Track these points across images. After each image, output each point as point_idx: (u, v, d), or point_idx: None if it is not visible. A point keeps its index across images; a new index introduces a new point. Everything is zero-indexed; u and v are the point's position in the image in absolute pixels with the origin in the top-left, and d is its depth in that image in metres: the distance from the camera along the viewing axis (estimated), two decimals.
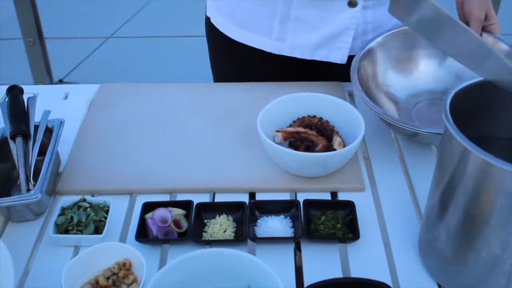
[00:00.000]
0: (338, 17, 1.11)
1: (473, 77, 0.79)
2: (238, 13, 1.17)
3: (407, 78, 1.14)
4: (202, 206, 0.92)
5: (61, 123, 1.01)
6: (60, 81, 2.65)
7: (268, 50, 1.18)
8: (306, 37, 1.14)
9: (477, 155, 0.68)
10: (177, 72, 2.93)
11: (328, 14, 1.10)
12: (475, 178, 0.70)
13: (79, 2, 3.62)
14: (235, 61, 1.25)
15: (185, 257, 0.77)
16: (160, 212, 0.89)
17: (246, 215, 0.89)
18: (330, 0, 1.08)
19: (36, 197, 0.88)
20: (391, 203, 0.94)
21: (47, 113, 1.02)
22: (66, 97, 1.21)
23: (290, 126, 1.02)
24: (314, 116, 1.02)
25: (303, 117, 1.02)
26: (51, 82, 2.25)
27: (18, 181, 0.94)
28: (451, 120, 0.72)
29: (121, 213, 0.93)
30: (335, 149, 0.96)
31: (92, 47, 3.21)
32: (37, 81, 2.19)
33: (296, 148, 0.98)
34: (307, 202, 0.91)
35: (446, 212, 0.76)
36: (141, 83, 1.23)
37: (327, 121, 1.02)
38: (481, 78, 0.79)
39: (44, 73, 2.07)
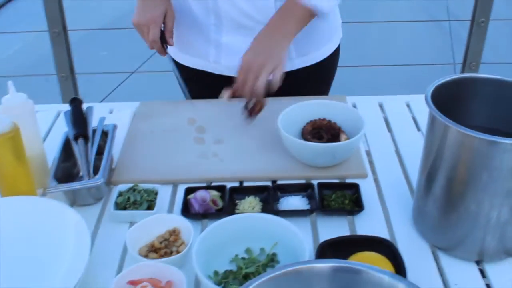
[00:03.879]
0: None
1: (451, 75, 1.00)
2: (180, 40, 1.38)
3: None
4: (234, 189, 1.09)
5: (115, 127, 1.20)
6: None
7: (207, 70, 1.38)
8: (237, 60, 1.22)
9: (455, 129, 0.87)
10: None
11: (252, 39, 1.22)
12: (454, 148, 0.89)
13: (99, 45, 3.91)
14: (192, 85, 1.42)
15: (223, 220, 0.94)
16: (200, 193, 1.06)
17: (270, 195, 1.07)
18: (252, 29, 1.24)
19: (99, 182, 1.05)
20: (389, 185, 1.13)
21: (102, 119, 1.21)
22: (111, 112, 1.39)
23: (304, 127, 1.21)
24: (324, 119, 1.21)
25: (315, 120, 1.21)
26: None
27: (79, 175, 1.11)
28: (432, 105, 0.92)
29: (167, 197, 1.11)
30: None
31: (116, 83, 3.47)
32: None
33: (320, 138, 1.16)
34: (321, 184, 1.10)
35: (432, 182, 0.95)
36: (175, 100, 1.43)
37: (334, 123, 1.21)
38: (459, 75, 0.99)
39: None
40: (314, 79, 1.45)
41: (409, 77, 3.48)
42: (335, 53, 1.46)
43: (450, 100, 0.99)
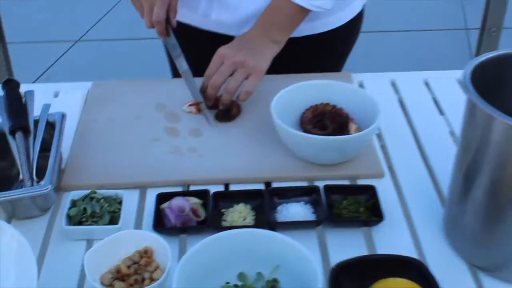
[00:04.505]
0: None
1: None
2: None
3: None
4: (219, 195, 1.04)
5: (63, 116, 1.13)
6: None
7: (194, 24, 1.37)
8: (230, 15, 1.30)
9: (501, 120, 0.83)
10: (149, 73, 3.15)
11: None
12: (500, 143, 0.84)
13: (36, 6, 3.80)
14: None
15: (211, 239, 0.88)
16: (177, 201, 1.01)
17: (265, 201, 1.02)
18: None
19: (46, 189, 0.98)
20: (411, 186, 1.09)
21: (47, 106, 1.14)
22: (56, 95, 1.33)
23: (303, 114, 1.16)
24: (328, 104, 1.16)
25: (316, 105, 1.16)
26: None
27: (19, 179, 1.05)
28: (473, 89, 0.87)
29: (133, 205, 1.05)
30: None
31: (59, 52, 3.38)
32: None
33: (324, 128, 1.12)
34: (328, 187, 1.05)
35: (471, 185, 0.90)
36: (135, 80, 1.38)
37: (341, 108, 1.16)
38: (504, 51, 0.94)
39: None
40: (324, 51, 1.42)
41: (413, 44, 3.49)
42: (356, 20, 1.42)
43: (492, 82, 0.94)
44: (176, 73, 1.39)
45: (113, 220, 1.00)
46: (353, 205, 1.02)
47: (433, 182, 1.11)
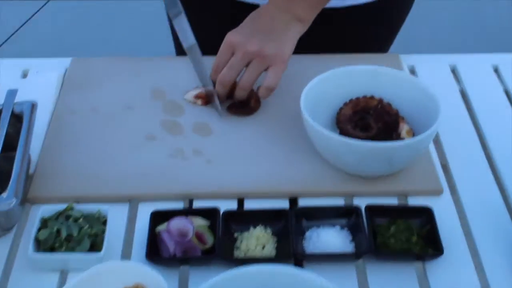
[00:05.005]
0: None
1: None
2: None
3: None
4: (231, 215, 0.98)
5: (33, 106, 1.07)
6: None
7: None
8: None
9: None
10: (142, 42, 3.03)
11: None
12: None
13: None
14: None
15: (219, 279, 0.82)
16: (177, 223, 0.95)
17: (291, 225, 0.96)
18: None
19: (10, 203, 0.92)
20: (478, 209, 1.03)
21: (12, 93, 1.08)
22: (25, 76, 1.28)
23: (341, 110, 1.09)
24: (372, 97, 1.10)
25: (358, 98, 1.10)
26: None
27: None
28: None
29: (121, 226, 0.99)
30: (402, 140, 1.02)
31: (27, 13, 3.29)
32: None
33: (366, 129, 1.07)
34: (371, 208, 0.98)
35: None
36: (125, 56, 1.32)
37: (389, 104, 1.09)
38: None
39: None
40: (371, 24, 1.35)
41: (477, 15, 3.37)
42: None
43: None
44: (181, 49, 1.31)
45: (95, 245, 0.94)
46: (404, 232, 0.96)
47: (505, 203, 1.04)
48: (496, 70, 1.31)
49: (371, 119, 1.08)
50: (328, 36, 1.31)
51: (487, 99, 1.24)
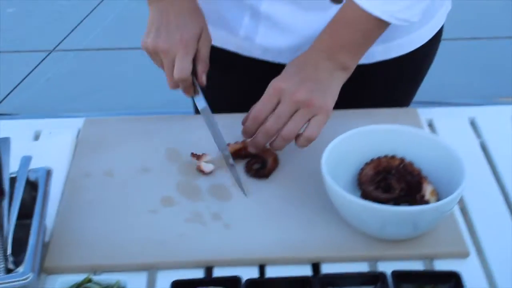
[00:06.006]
0: (319, 16, 1.18)
1: None
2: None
3: None
4: (254, 284, 0.95)
5: (49, 173, 1.05)
6: None
7: (232, 49, 1.32)
8: (281, 39, 1.23)
9: None
10: (152, 97, 3.01)
11: (305, 12, 1.20)
12: None
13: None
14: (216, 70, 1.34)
15: None
16: None
17: None
18: None
19: (26, 278, 0.89)
20: (506, 271, 0.99)
21: (26, 160, 1.06)
22: (37, 138, 1.27)
23: (363, 170, 1.07)
24: (394, 157, 1.08)
25: (379, 158, 1.08)
26: None
27: None
28: None
29: None
30: (426, 201, 1.00)
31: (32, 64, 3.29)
32: None
33: (389, 189, 1.05)
34: (397, 275, 0.94)
35: None
36: (142, 116, 1.31)
37: (411, 163, 1.07)
38: None
39: None
40: (395, 79, 1.34)
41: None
42: (436, 38, 1.36)
43: None
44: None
45: None
46: None
47: None
48: None
49: (393, 180, 1.06)
50: (353, 92, 1.27)
51: (509, 152, 1.21)
